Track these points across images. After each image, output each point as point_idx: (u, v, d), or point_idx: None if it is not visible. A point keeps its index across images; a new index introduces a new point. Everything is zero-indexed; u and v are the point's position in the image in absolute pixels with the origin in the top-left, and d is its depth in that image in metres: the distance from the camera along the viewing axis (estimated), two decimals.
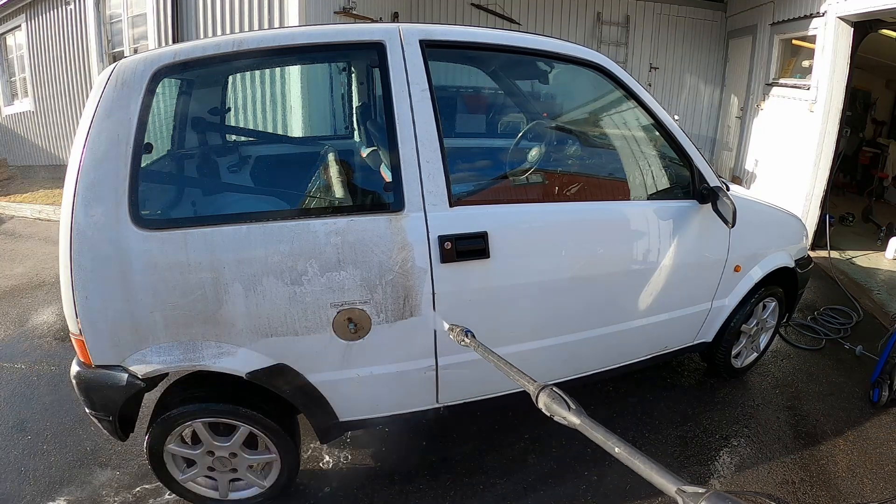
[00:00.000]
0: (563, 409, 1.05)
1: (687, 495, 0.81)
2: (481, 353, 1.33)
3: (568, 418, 1.04)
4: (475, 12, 7.05)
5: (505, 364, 1.25)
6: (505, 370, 1.24)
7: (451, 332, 1.48)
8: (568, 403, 1.05)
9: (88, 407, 1.66)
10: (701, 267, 2.19)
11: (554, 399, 1.07)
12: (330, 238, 1.56)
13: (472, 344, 1.38)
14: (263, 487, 1.89)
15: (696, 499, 0.79)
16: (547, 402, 1.08)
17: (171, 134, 2.27)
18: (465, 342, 1.41)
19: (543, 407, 1.09)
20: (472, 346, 1.38)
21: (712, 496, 0.78)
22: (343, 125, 4.19)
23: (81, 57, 6.11)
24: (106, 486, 2.01)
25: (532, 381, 1.15)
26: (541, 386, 1.11)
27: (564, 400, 1.06)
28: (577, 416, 1.03)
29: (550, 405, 1.07)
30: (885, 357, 2.61)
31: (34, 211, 5.77)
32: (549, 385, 1.10)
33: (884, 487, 2.10)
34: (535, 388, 1.12)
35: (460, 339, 1.42)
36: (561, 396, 1.07)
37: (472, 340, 1.40)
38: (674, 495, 0.83)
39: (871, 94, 6.84)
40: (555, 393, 1.08)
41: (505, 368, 1.24)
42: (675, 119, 2.20)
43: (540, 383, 1.12)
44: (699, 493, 0.80)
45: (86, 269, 1.47)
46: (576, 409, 1.04)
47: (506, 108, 3.29)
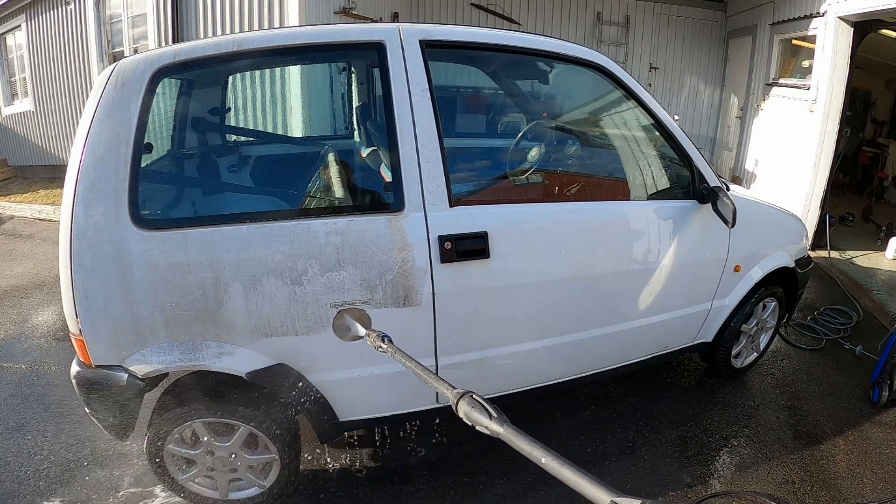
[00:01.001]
0: (483, 418, 0.99)
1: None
2: (398, 359, 1.26)
3: (490, 427, 0.97)
4: (475, 12, 7.05)
5: (423, 371, 1.18)
6: (424, 377, 1.16)
7: (368, 336, 1.40)
8: (489, 412, 0.99)
9: (88, 407, 1.65)
10: (701, 267, 2.19)
11: (474, 407, 1.01)
12: (330, 238, 1.56)
13: (389, 349, 1.31)
14: (263, 487, 1.88)
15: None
16: (467, 410, 1.01)
17: (171, 134, 2.27)
18: (381, 347, 1.33)
19: (464, 415, 1.02)
20: (388, 352, 1.30)
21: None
22: (343, 125, 4.19)
23: (81, 57, 6.11)
24: (106, 486, 2.01)
25: (451, 387, 1.08)
26: (460, 393, 1.04)
27: (485, 408, 1.00)
28: (499, 424, 0.97)
29: (471, 413, 1.01)
30: (885, 357, 2.61)
31: (34, 211, 5.77)
32: (470, 392, 1.03)
33: (884, 487, 2.10)
34: (454, 395, 1.04)
35: (377, 345, 1.35)
36: (481, 404, 1.00)
37: (388, 346, 1.33)
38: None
39: (871, 94, 6.84)
40: (475, 401, 1.02)
41: (424, 376, 1.17)
42: (675, 119, 2.20)
43: (460, 390, 1.05)
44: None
45: (86, 269, 1.47)
46: (497, 418, 0.98)
47: (506, 108, 3.29)
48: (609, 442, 2.30)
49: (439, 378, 1.14)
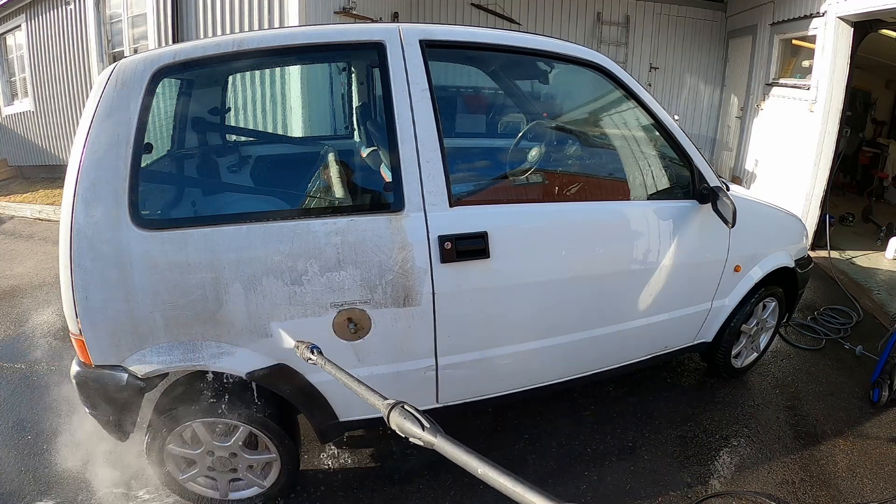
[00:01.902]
0: (416, 429, 0.96)
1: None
2: (329, 370, 1.24)
3: (423, 438, 0.95)
4: (475, 12, 7.05)
5: (354, 382, 1.16)
6: (354, 388, 1.14)
7: (297, 348, 1.38)
8: (421, 422, 0.96)
9: (88, 407, 1.66)
10: (701, 267, 2.19)
11: (406, 418, 0.98)
12: (330, 238, 1.56)
13: (319, 361, 1.30)
14: (263, 487, 1.89)
15: None
16: (399, 421, 0.99)
17: (171, 134, 2.27)
18: (311, 359, 1.32)
19: (395, 427, 0.99)
20: (318, 363, 1.29)
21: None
22: (343, 125, 4.19)
23: (81, 57, 6.11)
24: (106, 487, 2.01)
25: (382, 398, 1.05)
26: (391, 404, 1.01)
27: (417, 419, 0.97)
28: (432, 434, 0.94)
29: (402, 424, 0.98)
30: (885, 357, 2.61)
31: (34, 211, 5.77)
32: (401, 402, 1.01)
33: (884, 487, 2.10)
34: (385, 406, 1.02)
35: (306, 356, 1.33)
36: (413, 415, 0.98)
37: (318, 357, 1.31)
38: None
39: (871, 94, 6.84)
40: (406, 411, 0.99)
41: (354, 387, 1.15)
42: (675, 119, 2.20)
43: (391, 401, 1.02)
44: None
45: (86, 269, 1.47)
46: (430, 428, 0.95)
47: (506, 108, 3.29)
48: (609, 442, 2.30)
49: (369, 388, 1.12)
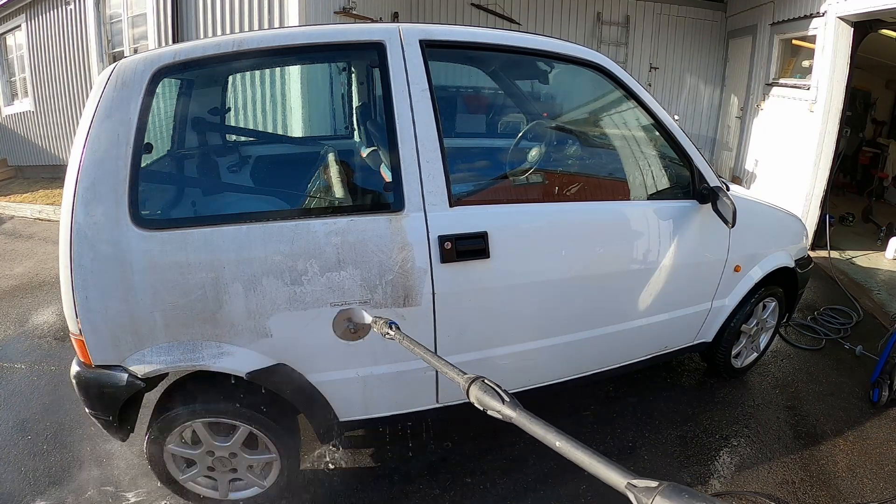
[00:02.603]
0: (496, 402, 0.96)
1: (638, 490, 0.73)
2: (406, 346, 1.26)
3: (502, 412, 0.95)
4: (475, 12, 7.05)
5: (433, 357, 1.17)
6: (434, 363, 1.16)
7: (375, 323, 1.41)
8: (501, 396, 0.97)
9: (88, 407, 1.65)
10: (701, 267, 2.19)
11: (486, 391, 0.98)
12: (330, 238, 1.56)
13: (397, 336, 1.31)
14: (263, 487, 1.89)
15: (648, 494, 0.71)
16: (479, 394, 0.99)
17: (171, 134, 2.27)
18: (388, 334, 1.34)
19: (475, 400, 1.00)
20: (396, 338, 1.31)
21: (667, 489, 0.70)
22: (343, 125, 4.19)
23: (81, 57, 6.11)
24: (106, 487, 2.01)
25: (462, 373, 1.06)
26: (471, 378, 1.02)
27: (498, 392, 0.97)
28: (512, 408, 0.94)
29: (482, 398, 0.98)
30: (885, 357, 2.61)
31: (34, 211, 5.77)
32: (481, 377, 1.02)
33: (884, 487, 2.10)
34: (465, 380, 1.03)
35: (384, 332, 1.36)
36: (494, 388, 0.98)
37: (396, 332, 1.33)
38: (623, 490, 0.75)
39: (871, 94, 6.84)
40: (486, 385, 0.99)
41: (433, 361, 1.16)
42: (675, 119, 2.20)
43: (471, 375, 1.03)
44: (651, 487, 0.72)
45: (86, 269, 1.47)
46: (510, 402, 0.95)
47: (506, 108, 3.29)
48: (609, 442, 2.30)
49: (449, 364, 1.13)
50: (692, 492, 0.69)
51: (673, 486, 0.70)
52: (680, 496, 0.69)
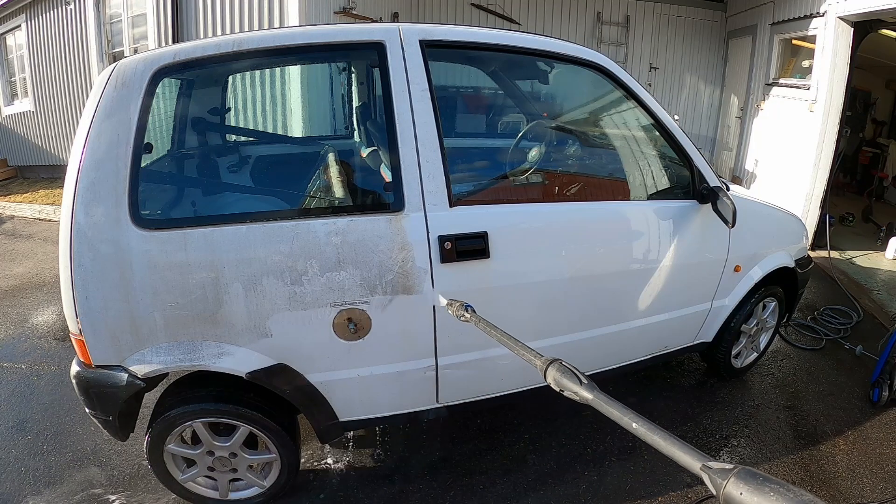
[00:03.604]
0: (574, 384, 0.98)
1: (713, 471, 0.74)
2: (483, 328, 1.28)
3: (580, 393, 0.97)
4: (475, 12, 7.05)
5: (510, 339, 1.19)
6: (510, 345, 1.18)
7: (450, 307, 1.43)
8: (580, 378, 0.98)
9: (88, 407, 1.66)
10: (701, 267, 2.19)
11: (564, 374, 1.00)
12: (330, 238, 1.56)
13: (473, 319, 1.34)
14: (263, 487, 1.89)
15: (724, 475, 0.72)
16: (557, 376, 1.01)
17: (171, 134, 2.27)
18: (464, 317, 1.36)
19: (553, 382, 1.02)
20: (472, 322, 1.33)
21: (742, 472, 0.71)
22: (343, 125, 4.19)
23: (81, 57, 6.11)
24: (105, 487, 2.01)
25: (539, 356, 1.09)
26: (549, 360, 1.04)
27: (576, 374, 0.99)
28: (590, 391, 0.96)
29: (560, 380, 1.00)
30: (885, 357, 2.61)
31: (34, 211, 5.77)
32: (558, 359, 1.04)
33: (884, 487, 2.10)
34: (542, 362, 1.05)
35: (460, 314, 1.38)
36: (572, 371, 1.00)
37: (472, 315, 1.35)
38: (698, 472, 0.77)
39: (871, 94, 6.84)
40: (565, 367, 1.01)
41: (510, 344, 1.18)
42: (675, 119, 2.20)
43: (548, 357, 1.05)
44: (727, 469, 0.73)
45: (86, 269, 1.47)
46: (588, 384, 0.97)
47: (506, 108, 3.29)
48: (609, 442, 2.30)
49: (526, 346, 1.15)
50: (765, 476, 0.69)
51: (747, 470, 0.71)
52: (754, 479, 0.69)
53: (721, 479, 0.72)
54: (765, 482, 0.68)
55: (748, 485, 0.69)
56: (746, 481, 0.69)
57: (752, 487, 0.68)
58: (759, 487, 0.68)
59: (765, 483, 0.68)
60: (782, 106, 5.18)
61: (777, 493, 0.66)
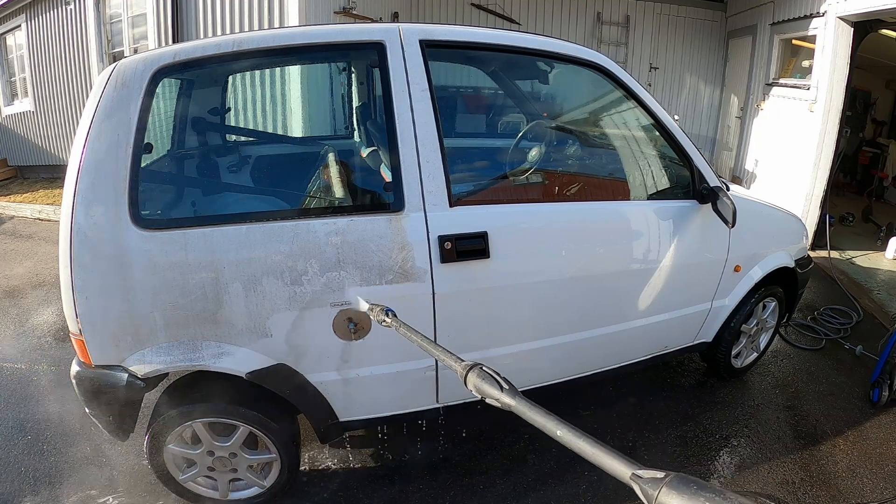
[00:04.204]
0: (494, 390, 0.94)
1: (644, 481, 0.69)
2: (403, 333, 1.25)
3: (501, 399, 0.92)
4: (475, 12, 7.05)
5: (429, 343, 1.16)
6: (431, 350, 1.15)
7: (371, 310, 1.41)
8: (500, 383, 0.94)
9: (88, 407, 1.65)
10: (701, 267, 2.19)
11: (484, 379, 0.96)
12: (330, 238, 1.56)
13: (394, 323, 1.31)
14: (263, 487, 1.89)
15: (655, 485, 0.67)
16: (477, 382, 0.96)
17: (171, 134, 2.27)
18: (385, 322, 1.34)
19: (473, 388, 0.97)
20: (393, 326, 1.31)
21: (674, 480, 0.66)
22: (343, 125, 4.19)
23: (81, 57, 6.11)
24: (105, 487, 2.01)
25: (459, 360, 1.04)
26: (469, 365, 1.00)
27: (496, 380, 0.95)
28: (511, 396, 0.92)
29: (480, 385, 0.96)
30: (885, 357, 2.61)
31: (34, 211, 5.77)
32: (479, 364, 0.99)
33: (884, 487, 2.10)
34: (462, 367, 1.01)
35: (380, 319, 1.36)
36: (492, 376, 0.96)
37: (393, 320, 1.33)
38: (628, 482, 0.71)
39: (871, 94, 6.84)
40: (485, 373, 0.97)
41: (429, 348, 1.15)
42: (675, 119, 2.20)
43: (468, 363, 1.01)
44: (658, 477, 0.67)
45: (86, 269, 1.47)
46: (509, 390, 0.93)
47: (506, 108, 3.29)
48: (609, 442, 2.27)
49: (447, 351, 1.11)
50: (700, 482, 0.66)
51: (680, 477, 0.67)
52: (688, 487, 0.65)
53: (653, 490, 0.67)
54: (700, 491, 0.64)
55: (682, 494, 0.65)
56: (680, 490, 0.65)
57: (686, 496, 0.64)
58: (693, 496, 0.64)
59: (700, 492, 0.64)
60: (782, 106, 5.18)
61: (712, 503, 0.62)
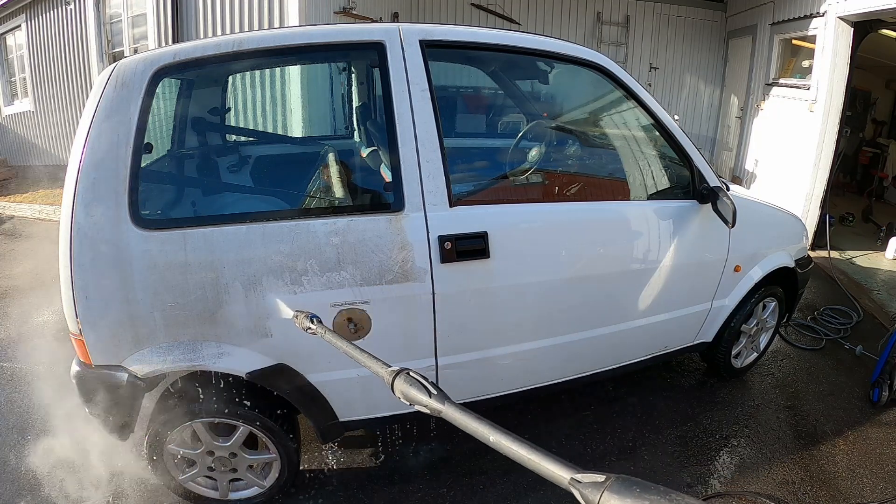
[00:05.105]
0: (422, 396, 0.90)
1: (584, 486, 0.66)
2: (329, 340, 1.23)
3: (430, 405, 0.89)
4: (475, 12, 7.04)
5: (355, 350, 1.13)
6: (355, 356, 1.12)
7: (296, 318, 1.39)
8: (428, 389, 0.91)
9: (88, 407, 1.65)
10: (701, 267, 2.19)
11: (412, 384, 0.93)
12: (330, 238, 1.56)
13: (319, 330, 1.28)
14: (263, 487, 1.89)
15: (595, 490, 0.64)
16: (404, 388, 0.93)
17: (171, 134, 2.27)
18: (310, 329, 1.31)
19: (400, 395, 0.94)
20: (318, 333, 1.28)
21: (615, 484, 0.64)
22: (343, 125, 4.19)
23: (81, 57, 6.11)
24: (105, 487, 2.01)
25: (385, 366, 1.02)
26: (395, 371, 0.97)
27: (424, 385, 0.91)
28: (440, 401, 0.88)
29: (408, 392, 0.92)
30: (885, 357, 2.61)
31: (34, 211, 5.77)
32: (406, 369, 0.96)
33: (884, 487, 2.10)
34: (388, 374, 0.97)
35: (305, 326, 1.33)
36: (419, 381, 0.92)
37: (318, 326, 1.30)
38: (567, 487, 0.68)
39: (871, 94, 6.84)
40: (412, 378, 0.94)
41: (355, 354, 1.12)
42: (675, 119, 2.20)
43: (394, 368, 0.98)
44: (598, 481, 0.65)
45: (86, 269, 1.47)
46: (438, 395, 0.89)
47: (506, 108, 3.29)
48: (609, 442, 2.30)
49: (371, 356, 1.09)
50: (643, 483, 0.64)
51: (622, 480, 0.65)
52: (630, 490, 0.63)
53: (593, 495, 0.65)
54: (643, 493, 0.62)
55: (624, 497, 0.63)
56: (622, 494, 0.63)
57: (629, 500, 0.62)
58: (636, 499, 0.62)
59: (643, 494, 0.62)
60: (782, 106, 5.18)
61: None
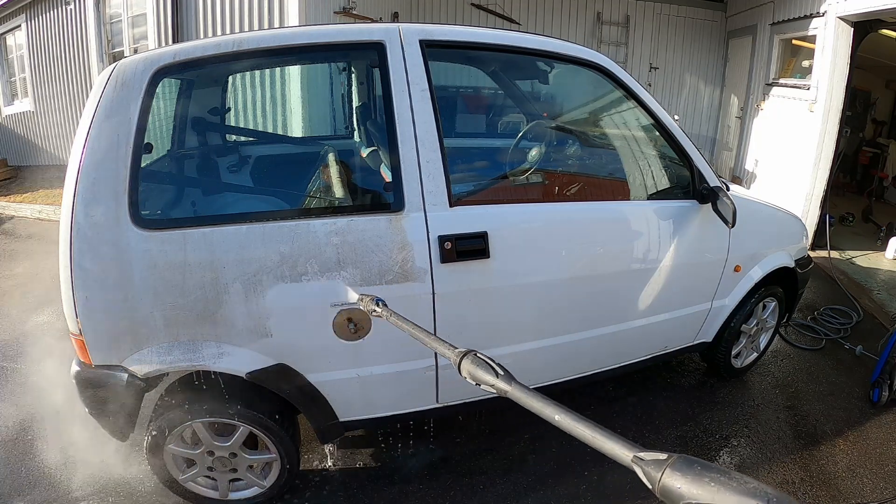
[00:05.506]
0: (489, 376, 0.94)
1: (646, 463, 0.67)
2: (393, 322, 1.27)
3: (496, 385, 0.93)
4: (475, 12, 7.04)
5: (422, 332, 1.17)
6: (423, 339, 1.16)
7: (361, 300, 1.45)
8: (495, 369, 0.94)
9: (88, 407, 1.66)
10: (701, 267, 2.19)
11: (479, 365, 0.96)
12: (330, 238, 1.56)
13: (384, 313, 1.33)
14: (263, 487, 1.89)
15: (658, 466, 0.65)
16: (471, 369, 0.97)
17: (171, 134, 2.27)
18: (376, 312, 1.37)
19: (467, 375, 0.98)
20: (383, 316, 1.33)
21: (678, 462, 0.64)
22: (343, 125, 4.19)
23: (81, 57, 6.11)
24: (105, 487, 2.01)
25: (453, 347, 1.05)
26: (462, 352, 1.00)
27: (491, 366, 0.95)
28: (507, 382, 0.92)
29: (475, 372, 0.96)
30: (885, 357, 2.61)
31: (34, 211, 5.77)
32: (473, 350, 1.00)
33: (884, 487, 2.10)
34: (456, 354, 1.01)
35: (371, 308, 1.39)
36: (487, 362, 0.96)
37: (383, 309, 1.35)
38: (629, 464, 0.70)
39: (871, 94, 6.84)
40: (479, 359, 0.97)
41: (423, 337, 1.16)
42: (675, 119, 2.20)
43: (462, 350, 1.01)
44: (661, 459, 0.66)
45: (86, 269, 1.47)
46: (504, 376, 0.93)
47: (506, 108, 3.29)
48: None
49: (440, 339, 1.11)
50: (704, 463, 0.64)
51: (684, 459, 0.65)
52: (691, 468, 0.63)
53: (656, 472, 0.65)
54: (704, 471, 0.62)
55: (686, 475, 0.62)
56: (684, 472, 0.63)
57: (690, 478, 0.62)
58: (697, 477, 0.62)
59: (704, 472, 0.62)
60: (782, 106, 5.18)
61: (718, 483, 0.60)
